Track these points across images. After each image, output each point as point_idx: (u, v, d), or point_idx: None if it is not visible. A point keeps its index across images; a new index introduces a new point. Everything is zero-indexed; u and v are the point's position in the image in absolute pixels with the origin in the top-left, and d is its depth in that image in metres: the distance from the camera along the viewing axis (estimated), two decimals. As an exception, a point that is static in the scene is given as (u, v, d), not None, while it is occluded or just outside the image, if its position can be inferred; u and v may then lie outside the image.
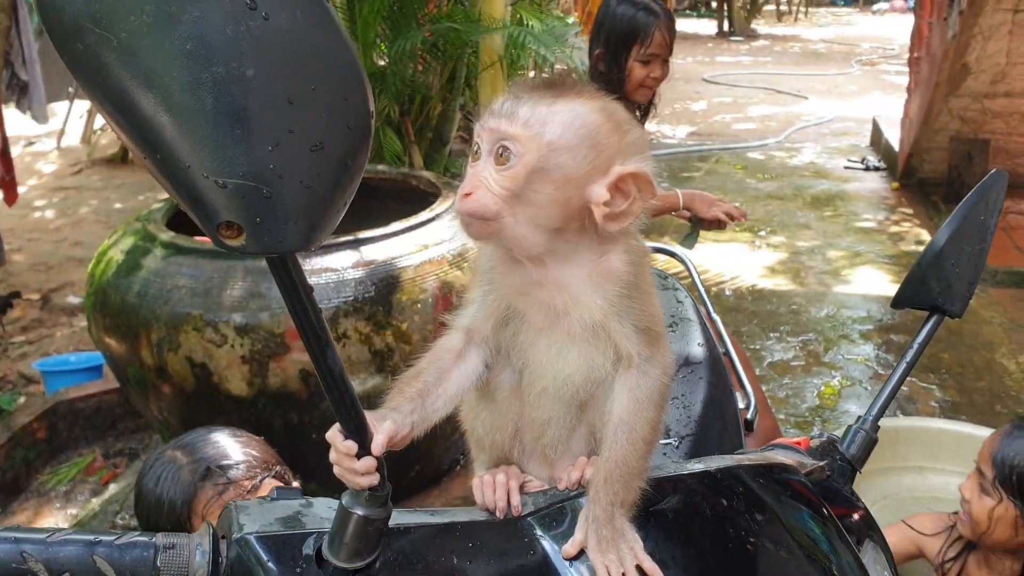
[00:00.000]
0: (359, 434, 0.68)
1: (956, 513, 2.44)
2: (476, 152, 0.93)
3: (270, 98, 0.53)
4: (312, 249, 0.58)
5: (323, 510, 0.80)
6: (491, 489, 0.92)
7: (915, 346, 1.14)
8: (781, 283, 5.95)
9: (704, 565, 0.84)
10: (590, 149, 0.91)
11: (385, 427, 0.83)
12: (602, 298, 0.95)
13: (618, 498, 0.88)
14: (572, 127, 0.91)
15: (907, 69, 8.53)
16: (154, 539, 0.74)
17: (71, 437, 3.91)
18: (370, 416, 0.84)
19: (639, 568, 0.85)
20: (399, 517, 0.80)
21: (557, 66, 7.15)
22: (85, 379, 4.15)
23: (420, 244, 3.07)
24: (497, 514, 0.88)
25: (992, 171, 1.18)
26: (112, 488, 3.57)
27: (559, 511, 0.87)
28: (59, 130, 9.58)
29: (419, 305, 2.95)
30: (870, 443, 1.14)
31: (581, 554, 0.84)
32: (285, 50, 0.52)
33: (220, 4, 0.50)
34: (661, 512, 0.86)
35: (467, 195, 0.91)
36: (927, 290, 1.13)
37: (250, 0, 0.51)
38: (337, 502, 0.74)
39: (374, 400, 3.12)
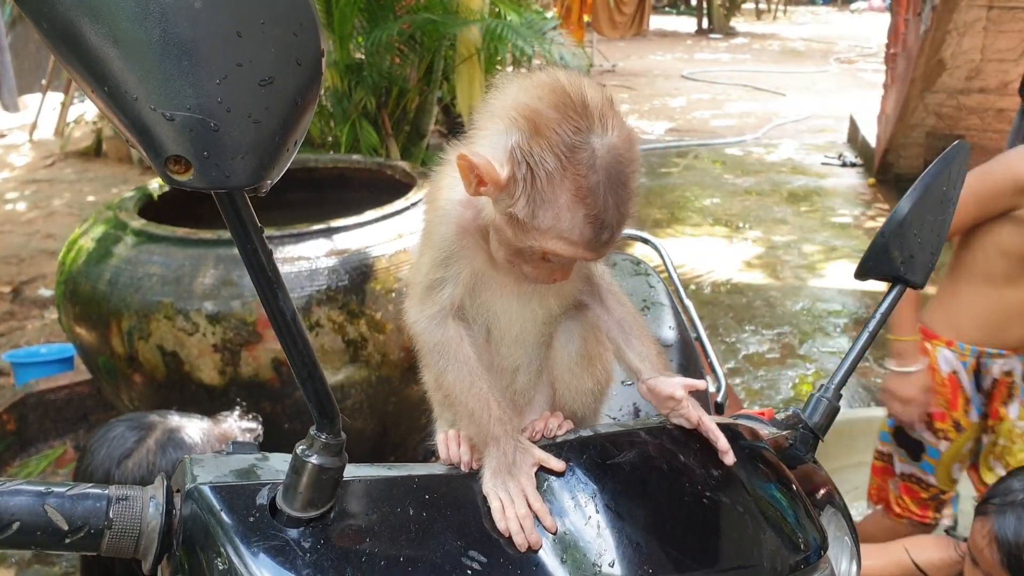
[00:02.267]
0: (312, 380, 0.68)
1: (964, 540, 2.18)
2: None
3: (218, 30, 0.52)
4: (262, 189, 0.57)
5: (279, 463, 0.80)
6: (456, 444, 0.92)
7: (877, 316, 1.14)
8: (757, 277, 5.98)
9: (659, 518, 0.85)
10: None
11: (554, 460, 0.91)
12: None
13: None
14: None
15: (884, 67, 8.59)
16: (107, 491, 0.74)
17: (41, 429, 3.86)
18: (524, 464, 0.90)
19: None
20: (355, 470, 0.80)
21: (536, 61, 7.15)
22: (56, 371, 4.10)
23: (395, 233, 3.06)
24: (462, 468, 0.89)
25: (955, 142, 1.19)
26: (84, 479, 3.54)
27: None
28: (31, 123, 9.48)
29: (393, 294, 2.94)
30: (832, 411, 1.15)
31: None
32: (233, -18, 0.52)
33: (168, -66, 0.50)
34: (618, 466, 0.87)
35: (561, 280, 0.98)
36: (890, 260, 1.13)
37: (198, -69, 0.50)
38: (292, 455, 0.74)
39: (347, 389, 3.09)
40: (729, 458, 0.93)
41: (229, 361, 2.81)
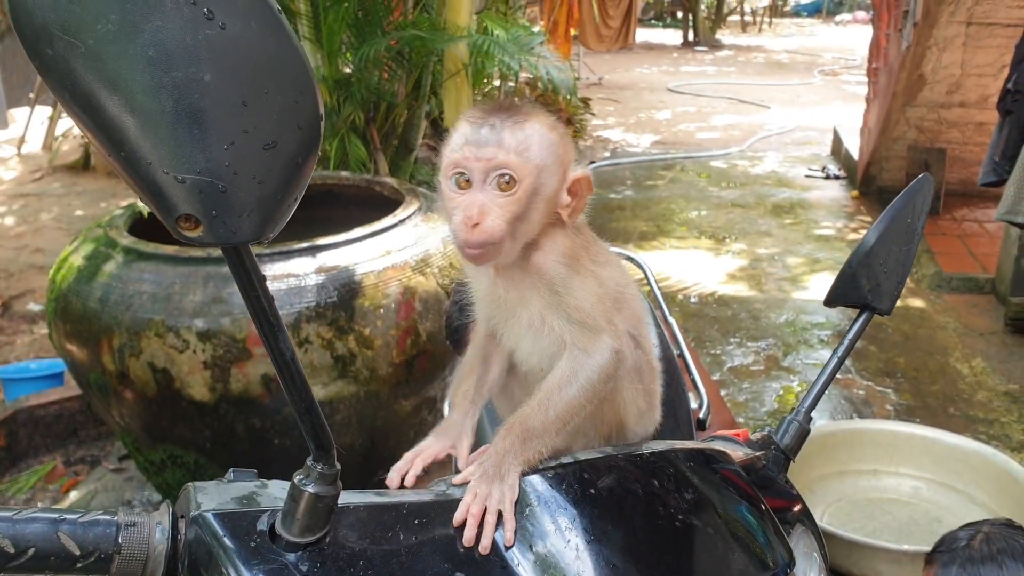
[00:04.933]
0: (309, 415, 0.73)
1: None
2: (463, 181, 1.00)
3: (226, 101, 0.58)
4: (265, 241, 0.62)
5: (277, 490, 0.85)
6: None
7: (846, 342, 1.20)
8: (742, 289, 6.05)
9: (634, 540, 0.90)
10: (558, 165, 1.03)
11: (465, 446, 1.09)
12: (536, 296, 1.05)
13: (513, 448, 0.97)
14: (547, 148, 1.01)
15: (867, 79, 8.69)
16: (116, 517, 0.78)
17: (31, 445, 3.88)
18: (445, 433, 1.11)
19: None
20: (349, 496, 0.85)
21: (522, 75, 7.21)
22: (46, 386, 4.12)
23: (383, 250, 3.10)
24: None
25: (920, 175, 1.24)
26: (72, 496, 3.56)
27: None
28: (20, 137, 9.48)
29: (382, 311, 2.99)
30: (803, 433, 1.20)
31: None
32: (240, 57, 0.57)
33: (180, 14, 0.55)
34: (596, 490, 0.92)
35: (475, 225, 0.98)
36: (857, 288, 1.19)
37: (208, 11, 0.55)
38: (290, 483, 0.79)
39: (336, 404, 3.12)
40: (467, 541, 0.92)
41: (219, 378, 2.84)
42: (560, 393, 1.01)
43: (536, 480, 0.92)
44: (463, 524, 0.89)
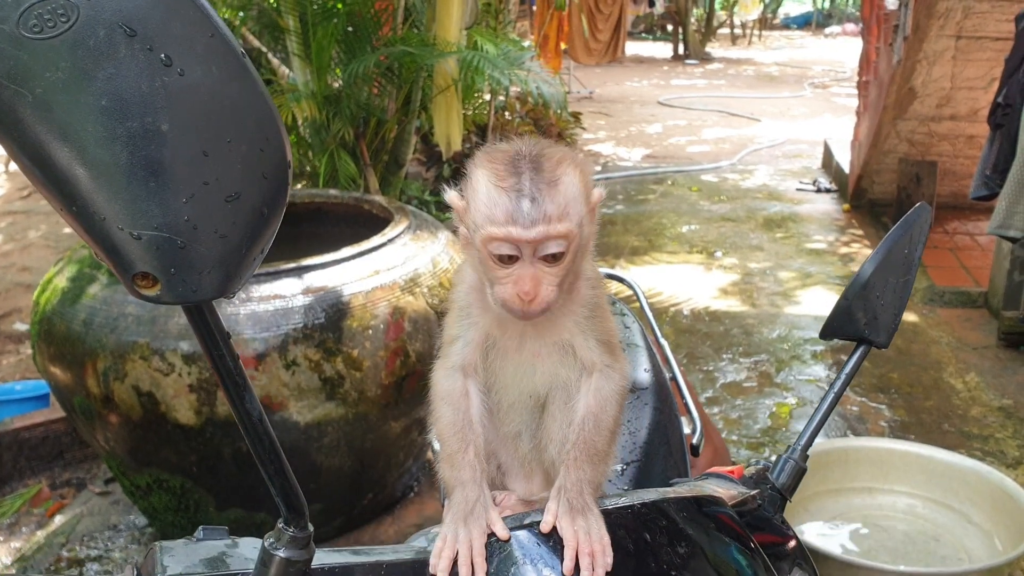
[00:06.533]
0: (279, 477, 0.69)
1: None
2: (505, 258, 0.99)
3: (185, 151, 0.54)
4: (228, 297, 0.59)
5: (248, 550, 0.80)
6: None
7: (843, 376, 1.17)
8: (734, 304, 6.02)
9: (627, 599, 0.86)
10: (588, 205, 1.04)
11: (499, 520, 0.96)
12: (571, 321, 1.08)
13: (586, 476, 0.99)
14: (581, 197, 1.01)
15: (857, 92, 8.70)
16: (78, 583, 0.75)
17: (16, 468, 3.83)
18: (474, 517, 0.96)
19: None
20: (323, 557, 0.81)
21: (513, 90, 7.19)
22: (31, 408, 4.07)
23: (371, 270, 3.07)
24: None
25: (916, 205, 1.22)
26: (58, 520, 3.51)
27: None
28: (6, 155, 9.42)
29: (370, 331, 2.95)
30: (799, 472, 1.17)
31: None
32: (200, 104, 0.54)
33: (135, 61, 0.52)
34: None
35: (532, 298, 0.98)
36: (854, 321, 1.16)
37: (165, 56, 0.52)
38: (261, 542, 0.75)
39: (324, 427, 3.06)
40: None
41: (205, 401, 2.80)
42: (606, 410, 1.05)
43: (524, 535, 0.89)
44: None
